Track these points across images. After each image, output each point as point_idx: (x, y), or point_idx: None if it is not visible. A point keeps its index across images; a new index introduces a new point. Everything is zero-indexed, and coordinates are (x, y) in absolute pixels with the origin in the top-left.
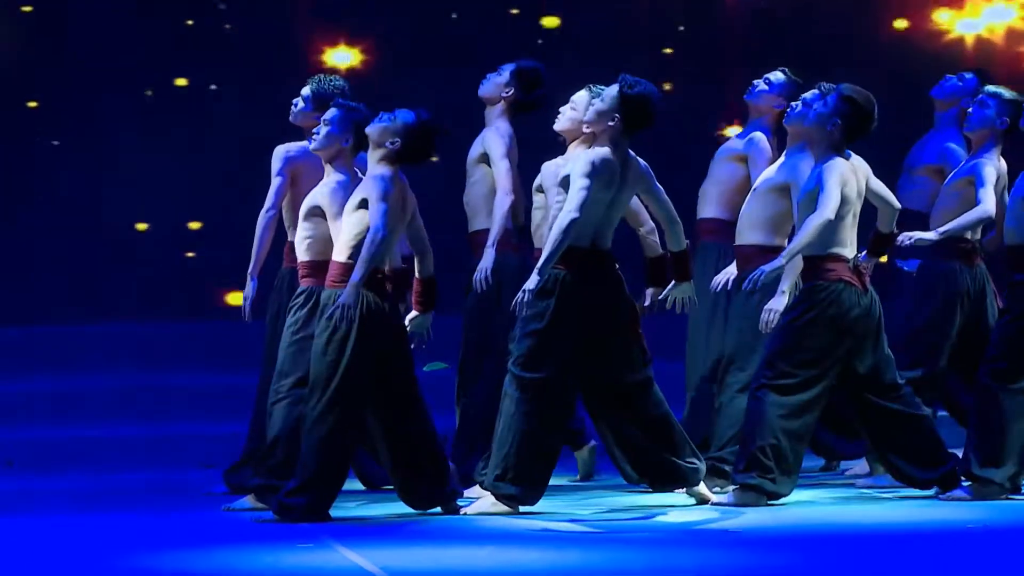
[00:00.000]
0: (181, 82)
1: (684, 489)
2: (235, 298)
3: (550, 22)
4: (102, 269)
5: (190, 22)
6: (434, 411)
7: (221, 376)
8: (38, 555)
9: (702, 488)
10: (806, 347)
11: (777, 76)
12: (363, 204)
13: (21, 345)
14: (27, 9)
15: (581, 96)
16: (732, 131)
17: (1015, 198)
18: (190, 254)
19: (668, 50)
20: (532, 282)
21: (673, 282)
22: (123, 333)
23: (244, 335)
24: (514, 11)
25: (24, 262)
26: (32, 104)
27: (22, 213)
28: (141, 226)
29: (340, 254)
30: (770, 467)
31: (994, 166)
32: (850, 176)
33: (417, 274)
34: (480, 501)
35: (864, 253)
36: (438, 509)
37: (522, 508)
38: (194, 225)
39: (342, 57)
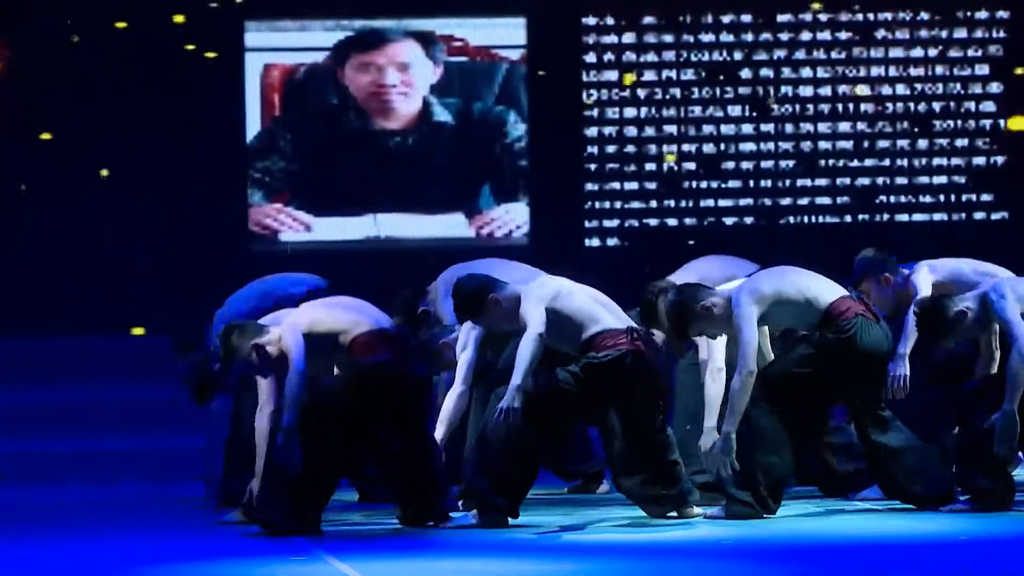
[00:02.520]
0: None
1: (676, 512)
2: None
3: None
4: (95, 281)
5: None
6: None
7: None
8: (31, 568)
9: (694, 511)
10: (816, 371)
11: None
12: None
13: (15, 357)
14: None
15: None
16: None
17: None
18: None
19: None
20: (515, 400)
21: None
22: (117, 346)
23: None
24: None
25: (19, 274)
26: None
27: (20, 225)
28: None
29: None
30: (767, 483)
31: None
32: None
33: None
34: (471, 515)
35: None
36: (431, 522)
37: (512, 521)
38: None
39: None
